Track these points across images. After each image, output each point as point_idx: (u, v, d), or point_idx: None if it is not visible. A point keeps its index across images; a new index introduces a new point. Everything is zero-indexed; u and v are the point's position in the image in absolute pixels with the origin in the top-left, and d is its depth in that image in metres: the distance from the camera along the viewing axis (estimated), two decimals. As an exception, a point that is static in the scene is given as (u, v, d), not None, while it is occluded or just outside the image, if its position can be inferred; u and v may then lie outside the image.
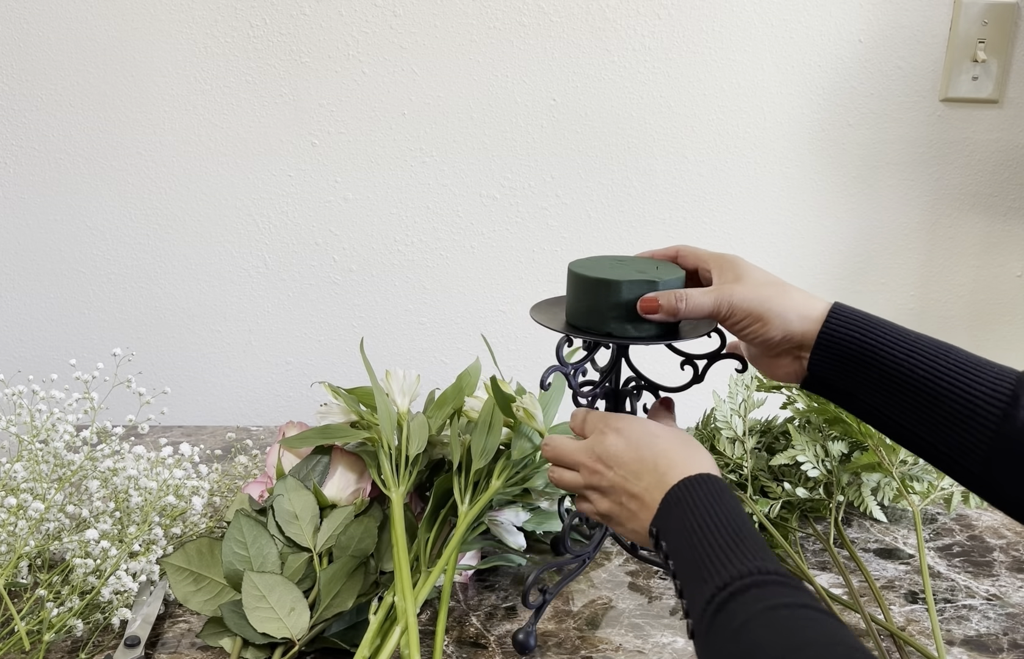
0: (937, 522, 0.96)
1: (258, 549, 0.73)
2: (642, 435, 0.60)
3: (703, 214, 1.24)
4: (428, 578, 0.72)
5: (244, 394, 1.28)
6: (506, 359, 1.27)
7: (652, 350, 0.77)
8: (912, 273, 1.28)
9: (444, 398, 0.86)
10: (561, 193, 1.22)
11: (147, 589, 0.76)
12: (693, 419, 1.01)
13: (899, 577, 0.85)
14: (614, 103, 1.19)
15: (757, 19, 1.17)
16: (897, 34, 1.18)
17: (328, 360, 1.27)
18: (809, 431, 0.94)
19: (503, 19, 1.15)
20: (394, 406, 0.82)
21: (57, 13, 1.12)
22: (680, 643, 0.74)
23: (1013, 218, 1.26)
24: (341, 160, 1.19)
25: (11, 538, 0.71)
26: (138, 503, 0.77)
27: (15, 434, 0.81)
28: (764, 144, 1.22)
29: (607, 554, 0.88)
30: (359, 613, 0.72)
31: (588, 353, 0.74)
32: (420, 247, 1.23)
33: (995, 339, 1.32)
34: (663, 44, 1.17)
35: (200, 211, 1.20)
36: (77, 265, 1.21)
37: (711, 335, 0.70)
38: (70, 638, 0.71)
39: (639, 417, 0.65)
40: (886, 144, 1.23)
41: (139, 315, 1.24)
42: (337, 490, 0.80)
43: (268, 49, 1.15)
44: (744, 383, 0.96)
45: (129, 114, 1.16)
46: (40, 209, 1.19)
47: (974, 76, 1.19)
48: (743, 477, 0.92)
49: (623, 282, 0.66)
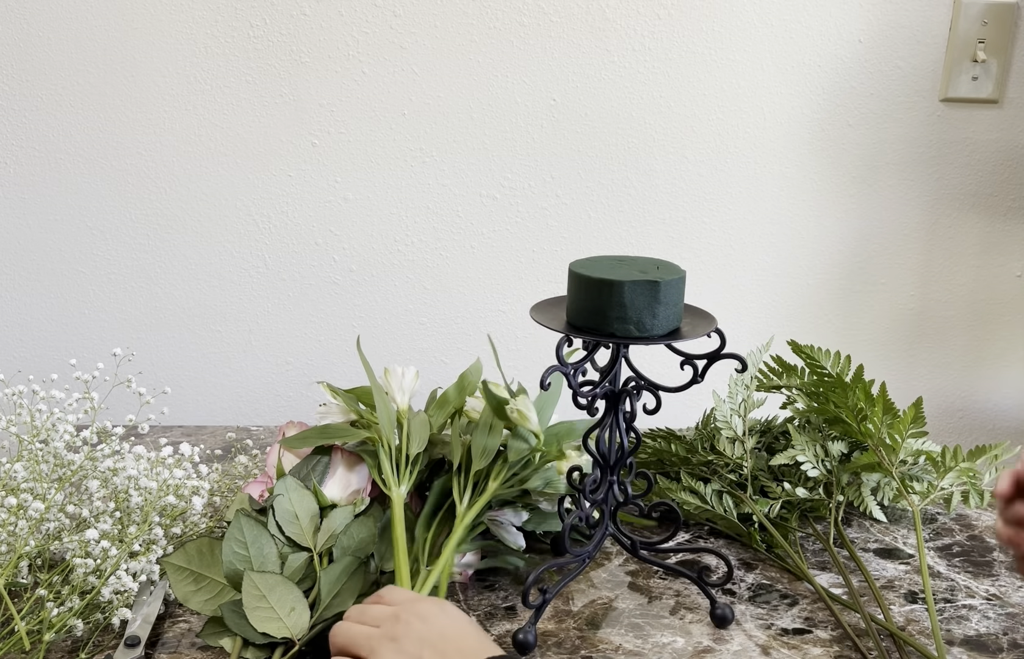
0: (937, 522, 0.96)
1: (258, 549, 0.73)
2: (450, 624, 0.59)
3: (703, 214, 1.24)
4: (428, 577, 0.72)
5: (244, 394, 1.28)
6: (506, 359, 1.27)
7: (652, 350, 0.77)
8: (912, 273, 1.28)
9: (445, 398, 0.86)
10: (561, 193, 1.22)
11: (147, 589, 0.76)
12: (693, 419, 1.02)
13: (899, 577, 0.85)
14: (614, 103, 1.19)
15: (757, 19, 1.17)
16: (897, 34, 1.18)
17: (328, 360, 1.27)
18: (809, 431, 0.94)
19: (503, 19, 1.15)
20: (393, 404, 0.82)
21: (57, 13, 1.12)
22: (680, 643, 0.74)
23: (1013, 218, 1.26)
24: (341, 160, 1.19)
25: (11, 538, 0.71)
26: (138, 503, 0.77)
27: (15, 434, 0.81)
28: (764, 144, 1.22)
29: (607, 554, 0.88)
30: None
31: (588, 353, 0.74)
32: (420, 247, 1.23)
33: (995, 339, 1.32)
34: (663, 44, 1.17)
35: (200, 211, 1.20)
36: (77, 265, 1.21)
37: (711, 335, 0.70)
38: (70, 638, 0.71)
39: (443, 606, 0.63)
40: (886, 144, 1.23)
41: (139, 315, 1.24)
42: (337, 490, 0.80)
43: (268, 49, 1.15)
44: (744, 383, 0.96)
45: (129, 114, 1.16)
46: (40, 209, 1.19)
47: (974, 76, 1.19)
48: (743, 477, 0.92)
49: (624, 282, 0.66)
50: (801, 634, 0.76)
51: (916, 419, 0.86)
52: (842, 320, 1.30)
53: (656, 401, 0.74)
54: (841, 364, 0.90)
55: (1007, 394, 1.34)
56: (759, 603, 0.80)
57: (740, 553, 0.88)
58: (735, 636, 0.75)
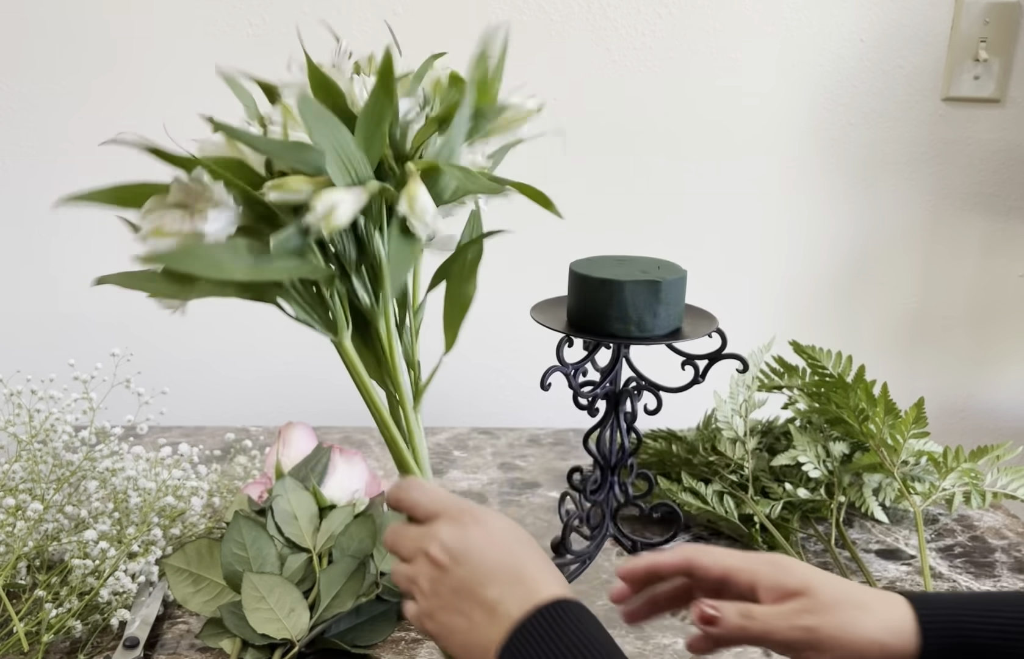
0: (939, 523, 0.96)
1: (257, 550, 0.73)
2: (507, 533, 0.50)
3: (704, 214, 1.24)
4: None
5: (244, 394, 1.28)
6: (507, 359, 1.27)
7: (653, 350, 0.76)
8: (913, 273, 1.28)
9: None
10: (561, 193, 1.22)
11: (146, 590, 0.75)
12: (694, 420, 1.01)
13: (901, 578, 0.85)
14: (614, 103, 1.19)
15: (757, 19, 1.17)
16: (898, 33, 1.18)
17: (328, 360, 1.26)
18: (810, 432, 0.94)
19: (503, 19, 1.15)
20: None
21: (57, 12, 1.12)
22: (681, 644, 0.74)
23: (1014, 218, 1.26)
24: (341, 160, 1.19)
25: (10, 539, 0.71)
26: (137, 504, 0.77)
27: (14, 434, 0.81)
28: (764, 144, 1.22)
29: (607, 554, 0.87)
30: (359, 614, 0.72)
31: (588, 353, 0.73)
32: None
33: (997, 340, 1.32)
34: (664, 44, 1.17)
35: (200, 211, 1.20)
36: (77, 265, 1.21)
37: (712, 335, 0.70)
38: (69, 639, 0.71)
39: (500, 514, 0.53)
40: (887, 143, 1.22)
41: (139, 315, 1.23)
42: (337, 491, 0.80)
43: (268, 49, 1.15)
44: (745, 383, 0.96)
45: (129, 114, 1.16)
46: (40, 209, 1.19)
47: (976, 75, 1.19)
48: (744, 478, 0.91)
49: (625, 282, 0.66)
50: (802, 635, 0.75)
51: (918, 419, 0.85)
52: (843, 320, 1.29)
53: (657, 401, 0.74)
54: (842, 364, 0.90)
55: (1009, 394, 1.34)
56: (760, 604, 0.80)
57: (741, 554, 0.88)
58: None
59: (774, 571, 0.51)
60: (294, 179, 0.49)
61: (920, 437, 0.90)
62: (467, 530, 0.49)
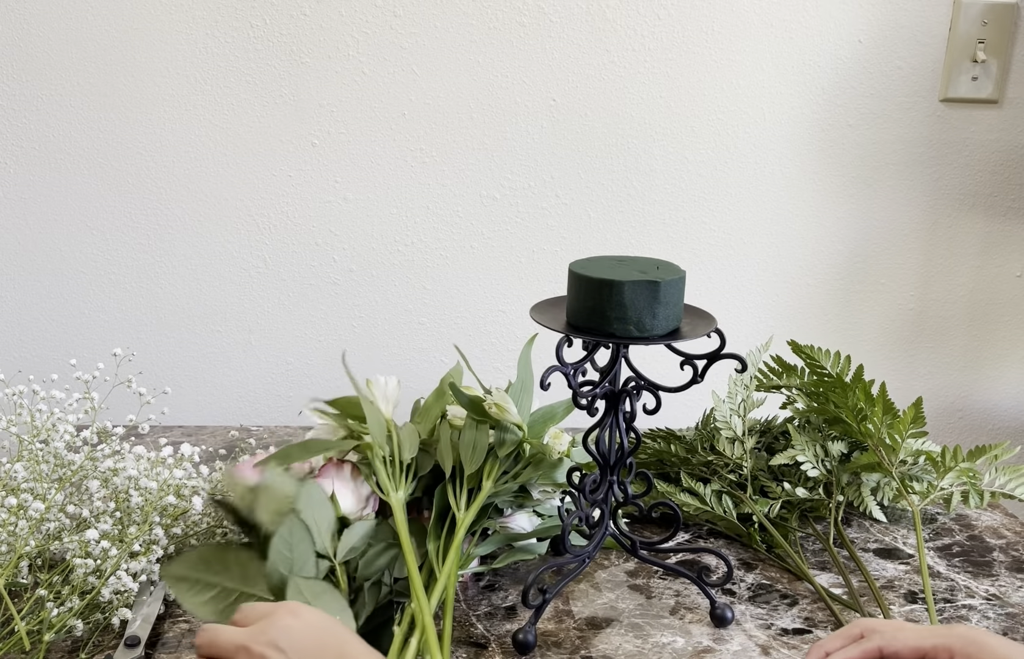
0: (937, 522, 0.96)
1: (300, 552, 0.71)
2: (322, 617, 0.54)
3: (703, 214, 1.24)
4: (439, 582, 0.71)
5: (244, 394, 1.28)
6: (507, 359, 1.27)
7: (652, 350, 0.77)
8: (912, 273, 1.28)
9: (428, 405, 0.85)
10: (561, 193, 1.22)
11: (147, 589, 0.76)
12: (693, 419, 1.02)
13: (899, 577, 0.85)
14: (614, 103, 1.19)
15: (757, 19, 1.17)
16: (897, 34, 1.19)
17: (328, 360, 1.27)
18: (809, 431, 0.94)
19: (503, 19, 1.16)
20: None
21: (57, 13, 1.12)
22: (680, 643, 0.74)
23: (1013, 218, 1.26)
24: (341, 160, 1.19)
25: (11, 538, 0.71)
26: (138, 503, 0.77)
27: (15, 434, 0.81)
28: (764, 144, 1.22)
29: (607, 554, 0.88)
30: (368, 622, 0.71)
31: (588, 353, 0.74)
32: (420, 247, 1.23)
33: (995, 339, 1.32)
34: (663, 44, 1.18)
35: (200, 211, 1.20)
36: (77, 265, 1.21)
37: (711, 335, 0.70)
38: (70, 638, 0.71)
39: (309, 606, 0.57)
40: (886, 144, 1.23)
41: (139, 315, 1.24)
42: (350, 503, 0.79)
43: (268, 49, 1.15)
44: (743, 383, 0.96)
45: (129, 114, 1.16)
46: (40, 209, 1.19)
47: (974, 76, 1.19)
48: (743, 477, 0.92)
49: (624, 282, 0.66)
50: (801, 634, 0.76)
51: (916, 419, 0.86)
52: (842, 320, 1.30)
53: (656, 401, 0.74)
54: (841, 364, 0.90)
55: (1007, 394, 1.34)
56: (759, 603, 0.80)
57: (740, 553, 0.88)
58: (735, 636, 0.75)
59: (967, 646, 0.53)
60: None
61: (918, 436, 0.90)
62: (285, 621, 0.52)
